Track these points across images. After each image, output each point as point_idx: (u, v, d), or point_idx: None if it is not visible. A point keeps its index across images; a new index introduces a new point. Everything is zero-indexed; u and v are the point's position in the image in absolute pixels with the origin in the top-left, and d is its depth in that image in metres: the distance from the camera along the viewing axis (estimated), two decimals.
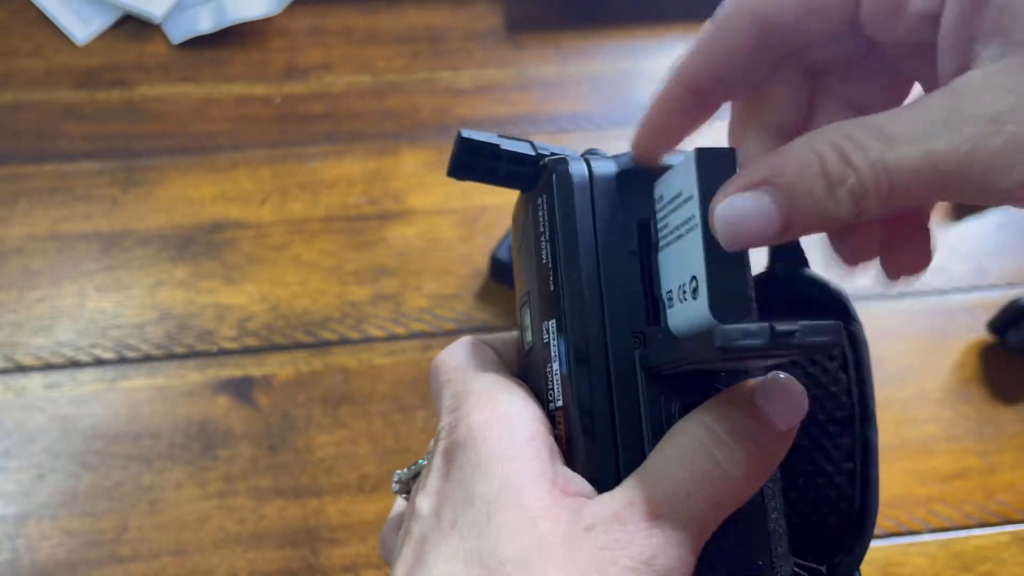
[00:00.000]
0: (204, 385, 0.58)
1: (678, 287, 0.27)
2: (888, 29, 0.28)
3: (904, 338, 0.62)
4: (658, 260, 0.28)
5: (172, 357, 0.59)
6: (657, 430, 0.27)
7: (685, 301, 0.26)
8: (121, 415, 0.56)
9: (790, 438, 0.27)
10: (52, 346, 0.58)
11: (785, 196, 0.24)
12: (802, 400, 0.27)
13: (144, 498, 0.54)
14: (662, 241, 0.28)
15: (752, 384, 0.27)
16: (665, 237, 0.28)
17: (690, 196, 0.26)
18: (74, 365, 0.58)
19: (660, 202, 0.28)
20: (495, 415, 0.27)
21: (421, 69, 0.73)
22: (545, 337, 0.29)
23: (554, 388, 0.29)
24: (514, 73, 0.73)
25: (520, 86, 0.72)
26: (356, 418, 0.57)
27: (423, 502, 0.27)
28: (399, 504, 0.36)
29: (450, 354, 0.31)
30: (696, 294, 0.26)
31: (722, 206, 0.25)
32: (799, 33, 0.29)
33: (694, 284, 0.26)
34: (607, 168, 0.29)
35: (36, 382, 0.57)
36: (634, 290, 0.28)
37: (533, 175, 0.30)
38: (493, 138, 0.30)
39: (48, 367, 0.58)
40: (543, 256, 0.29)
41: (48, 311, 0.60)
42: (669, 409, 0.27)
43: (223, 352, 0.59)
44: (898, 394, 0.60)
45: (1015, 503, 0.56)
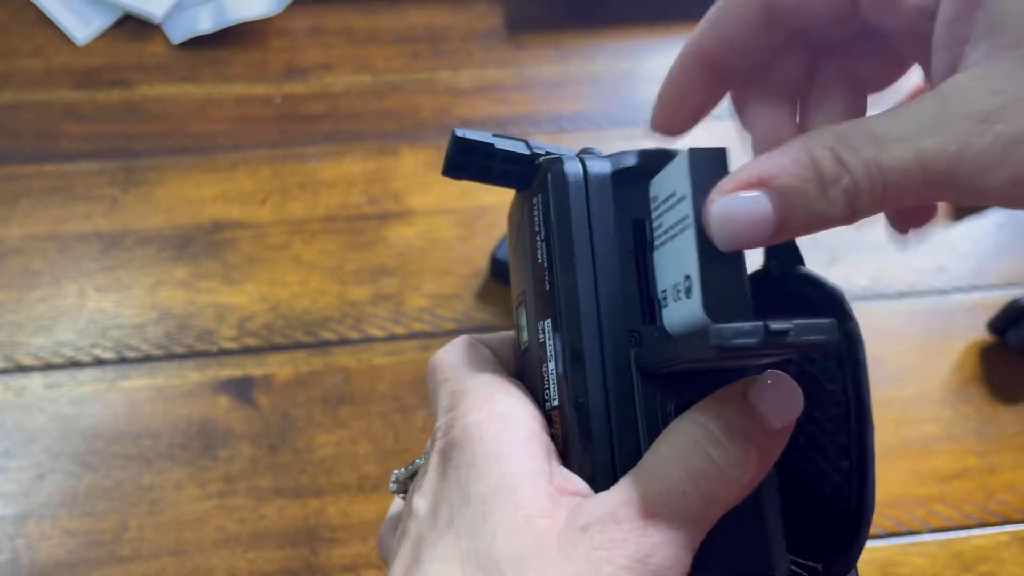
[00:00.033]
0: (204, 385, 0.58)
1: (672, 286, 0.27)
2: (886, 19, 0.29)
3: (904, 338, 0.62)
4: (653, 259, 0.28)
5: (172, 357, 0.59)
6: (653, 429, 0.27)
7: (679, 300, 0.27)
8: (121, 415, 0.56)
9: (786, 436, 0.27)
10: (52, 346, 0.59)
11: (780, 197, 0.24)
12: (797, 398, 0.27)
13: (144, 498, 0.54)
14: (657, 240, 0.28)
15: (747, 382, 0.27)
16: (660, 236, 0.28)
17: (683, 196, 0.26)
18: (74, 365, 0.58)
19: (655, 201, 0.28)
20: (491, 414, 0.27)
21: (421, 69, 0.73)
22: (541, 337, 0.29)
23: (550, 387, 0.29)
24: (514, 73, 0.73)
25: (520, 86, 0.72)
26: (356, 418, 0.57)
27: (419, 502, 0.27)
28: (397, 504, 0.36)
29: (446, 354, 0.31)
30: (690, 293, 0.26)
31: (717, 206, 0.25)
32: (803, 13, 0.30)
33: (688, 283, 0.26)
34: (602, 167, 0.29)
35: (36, 382, 0.57)
36: (629, 289, 0.28)
37: (528, 174, 0.30)
38: (488, 137, 0.30)
39: (48, 367, 0.58)
40: (538, 256, 0.29)
41: (48, 311, 0.60)
42: (665, 408, 0.27)
43: (223, 352, 0.59)
44: (898, 394, 0.60)
45: (1015, 503, 0.56)
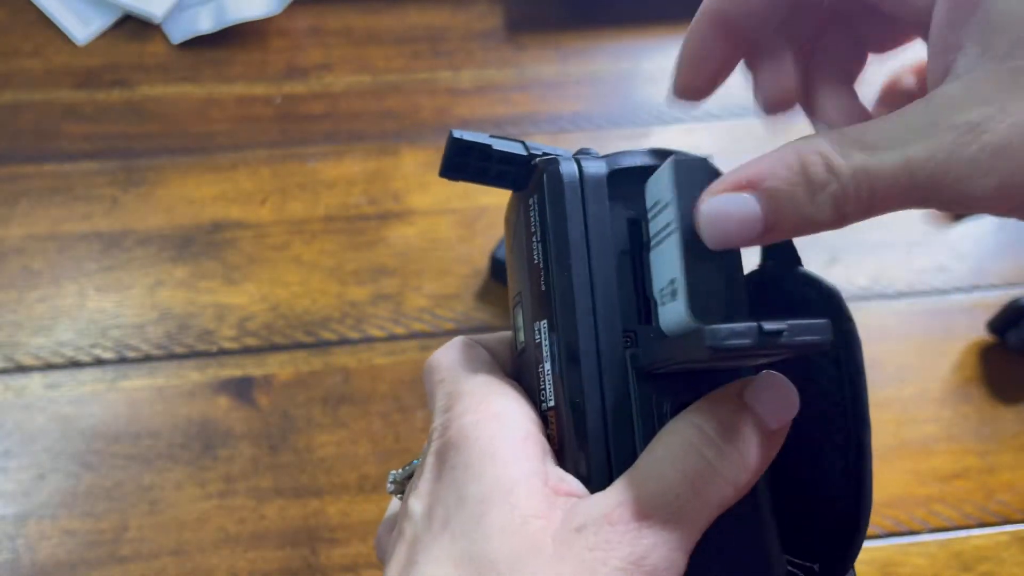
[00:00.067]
0: (204, 385, 0.58)
1: (659, 290, 0.27)
2: (896, 8, 0.29)
3: (904, 338, 0.62)
4: (649, 259, 0.28)
5: (172, 357, 0.59)
6: (649, 430, 0.27)
7: (667, 304, 0.27)
8: (121, 415, 0.56)
9: (781, 437, 0.27)
10: (52, 346, 0.59)
11: (768, 199, 0.25)
12: (793, 399, 0.27)
13: (144, 498, 0.54)
14: (652, 241, 0.28)
15: (743, 383, 0.27)
16: (654, 237, 0.28)
17: (668, 203, 0.27)
18: (74, 365, 0.58)
19: (648, 204, 0.28)
20: (487, 415, 0.27)
21: (421, 69, 0.73)
22: (537, 337, 0.29)
23: (546, 388, 0.29)
24: (514, 73, 0.73)
25: (520, 86, 0.72)
26: (356, 418, 0.57)
27: (415, 503, 0.28)
28: (394, 504, 0.36)
29: (443, 354, 0.31)
30: (675, 296, 0.26)
31: (707, 205, 0.25)
32: None
33: (673, 287, 0.26)
34: (598, 168, 0.29)
35: (36, 382, 0.57)
36: (626, 290, 0.28)
37: (525, 175, 0.30)
38: (484, 138, 0.30)
39: (48, 367, 0.58)
40: (534, 256, 0.29)
41: (48, 311, 0.60)
42: (661, 408, 0.27)
43: (223, 352, 0.59)
44: (898, 394, 0.60)
45: (1015, 503, 0.56)
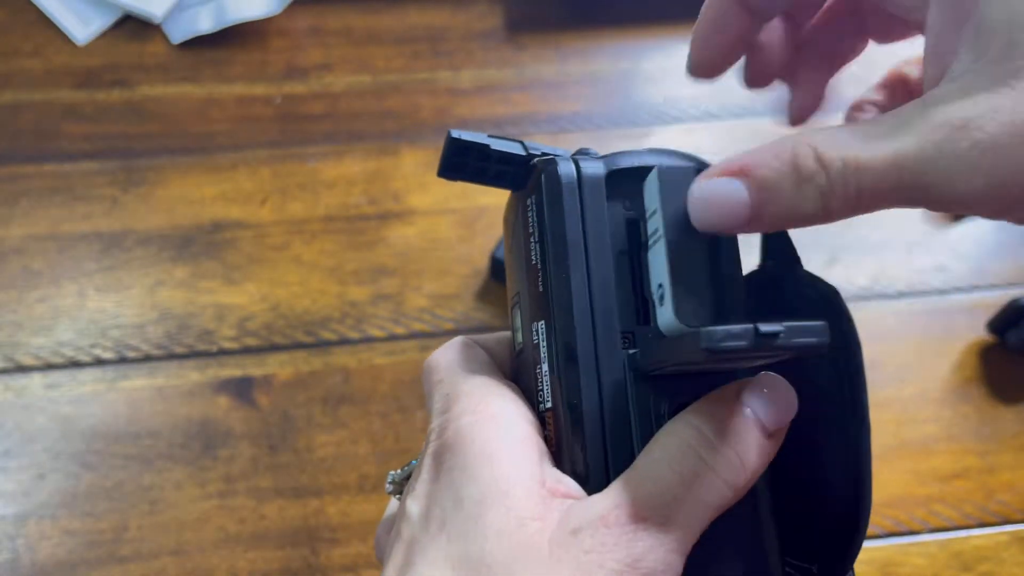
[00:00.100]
0: (204, 385, 0.58)
1: (652, 292, 0.28)
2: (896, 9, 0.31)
3: (904, 338, 0.62)
4: (647, 260, 0.28)
5: (172, 357, 0.59)
6: (646, 431, 0.27)
7: (660, 306, 0.27)
8: (121, 415, 0.56)
9: (780, 438, 0.27)
10: (52, 346, 0.59)
11: (757, 187, 0.25)
12: (791, 400, 0.27)
13: (144, 498, 0.54)
14: (650, 241, 0.28)
15: (741, 384, 0.27)
16: (650, 238, 0.28)
17: (655, 211, 0.27)
18: (74, 365, 0.58)
19: (644, 207, 0.28)
20: (484, 417, 0.27)
21: (421, 69, 0.73)
22: (535, 338, 0.29)
23: (544, 389, 0.29)
24: (514, 73, 0.73)
25: (520, 86, 0.72)
26: (356, 418, 0.57)
27: (412, 505, 0.28)
28: (393, 504, 0.37)
29: (441, 355, 0.31)
30: (663, 301, 0.27)
31: (697, 188, 0.26)
32: None
33: (661, 291, 0.27)
34: (596, 168, 0.29)
35: (36, 382, 0.57)
36: (624, 290, 0.28)
37: (524, 175, 0.30)
38: (483, 138, 0.30)
39: (48, 367, 0.58)
40: (532, 257, 0.29)
41: (48, 311, 0.60)
42: (659, 410, 0.27)
43: (223, 352, 0.59)
44: (898, 394, 0.60)
45: (1015, 503, 0.56)
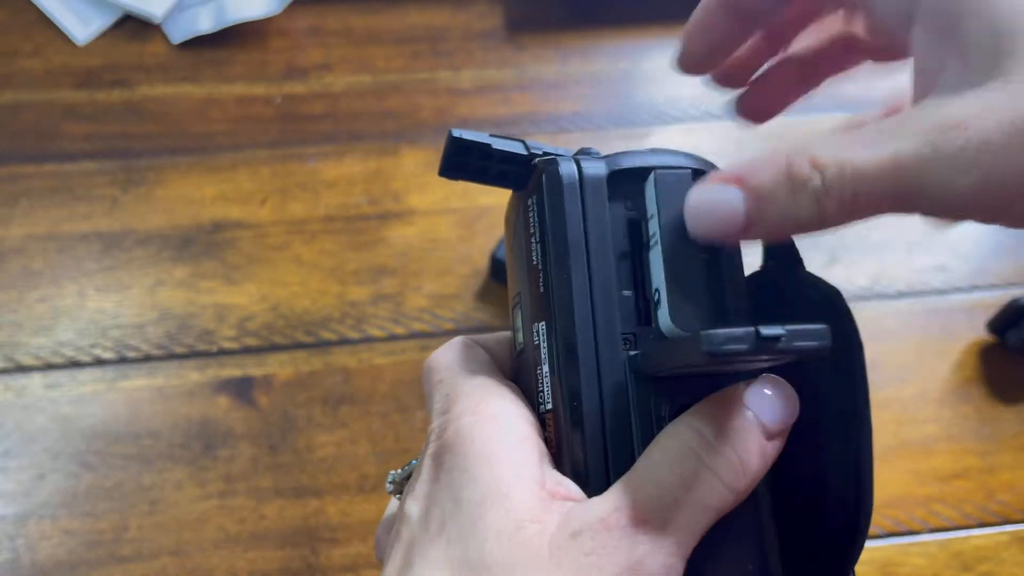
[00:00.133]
0: (204, 385, 0.58)
1: (652, 295, 0.28)
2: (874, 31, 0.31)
3: (904, 338, 0.62)
4: (649, 260, 0.28)
5: (172, 357, 0.59)
6: (647, 433, 0.27)
7: (657, 310, 0.28)
8: (121, 415, 0.56)
9: (782, 441, 0.27)
10: (52, 346, 0.59)
11: (752, 195, 0.25)
12: (793, 402, 0.27)
13: (144, 498, 0.54)
14: (650, 243, 0.28)
15: (742, 387, 0.27)
16: (651, 239, 0.28)
17: (652, 215, 0.27)
18: (74, 365, 0.58)
19: (645, 209, 0.28)
20: (484, 418, 0.27)
21: (421, 69, 0.73)
22: (535, 339, 0.29)
23: (544, 390, 0.28)
24: (514, 73, 0.73)
25: (520, 86, 0.72)
26: (356, 418, 0.57)
27: (412, 506, 0.27)
28: (393, 504, 0.36)
29: (442, 355, 0.31)
30: (659, 305, 0.27)
31: (693, 196, 0.26)
32: None
33: (657, 296, 0.27)
34: (597, 169, 0.29)
35: (36, 382, 0.57)
36: (625, 292, 0.28)
37: (525, 174, 0.30)
38: (484, 137, 0.30)
39: (48, 367, 0.58)
40: (533, 258, 0.29)
41: (48, 311, 0.60)
42: (659, 411, 0.27)
43: (223, 352, 0.59)
44: (898, 394, 0.60)
45: (1015, 503, 0.56)
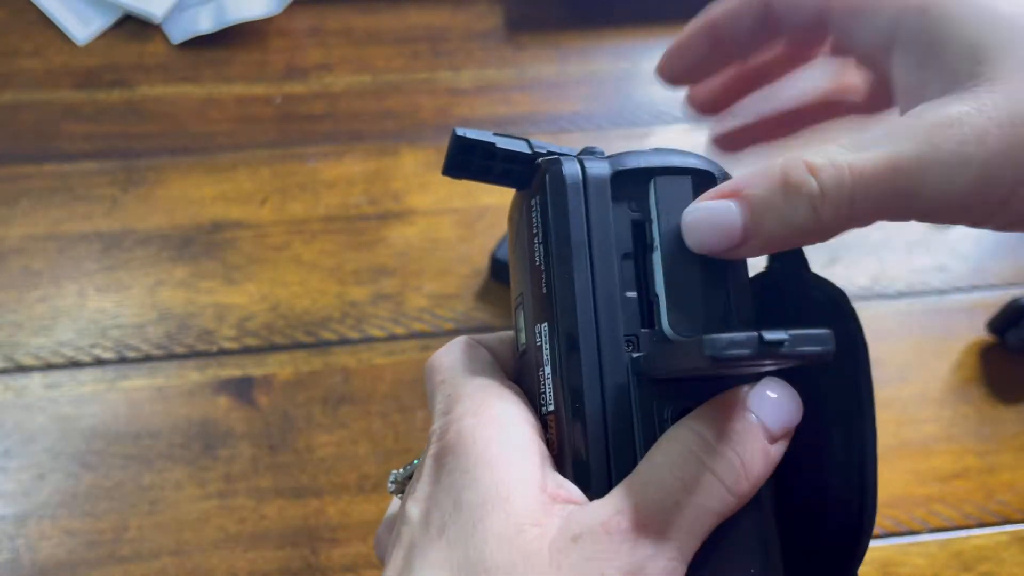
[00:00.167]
0: (204, 385, 0.58)
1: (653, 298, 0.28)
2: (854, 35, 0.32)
3: (904, 338, 0.62)
4: (653, 261, 0.28)
5: (172, 357, 0.59)
6: (649, 435, 0.27)
7: (661, 312, 0.28)
8: (121, 415, 0.56)
9: (785, 443, 0.27)
10: (52, 346, 0.59)
11: (748, 206, 0.25)
12: (796, 405, 0.27)
13: (144, 498, 0.54)
14: (653, 245, 0.28)
15: (745, 389, 0.26)
16: (652, 243, 0.28)
17: (652, 220, 0.28)
18: (74, 365, 0.58)
19: (649, 211, 0.28)
20: (485, 419, 0.27)
21: (421, 69, 0.73)
22: (538, 340, 0.29)
23: (546, 392, 0.28)
24: (514, 73, 0.73)
25: (520, 86, 0.72)
26: (356, 418, 0.57)
27: (412, 507, 0.27)
28: (395, 504, 0.36)
29: (444, 355, 0.31)
30: (659, 310, 0.27)
31: (690, 212, 0.26)
32: (788, 15, 0.34)
33: (658, 301, 0.27)
34: (601, 169, 0.28)
35: (36, 382, 0.57)
36: (628, 293, 0.28)
37: (528, 174, 0.30)
38: (489, 136, 0.29)
39: (48, 367, 0.58)
40: (536, 258, 0.29)
41: (48, 311, 0.60)
42: (662, 414, 0.27)
43: (223, 352, 0.59)
44: (898, 394, 0.60)
45: (1015, 503, 0.56)
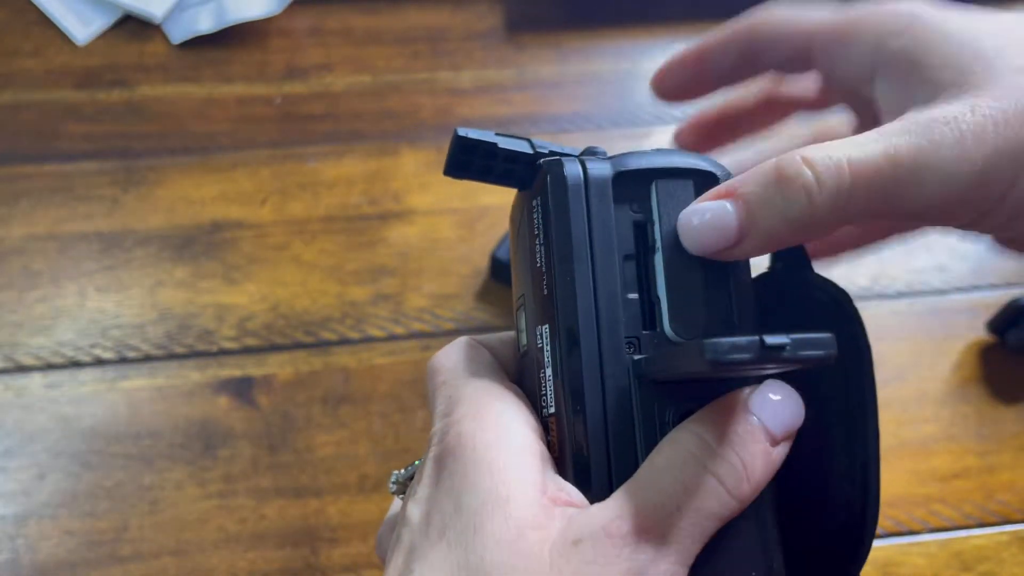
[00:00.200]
0: (204, 385, 0.58)
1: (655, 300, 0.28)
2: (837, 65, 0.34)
3: (904, 338, 0.62)
4: (655, 263, 0.28)
5: (172, 357, 0.59)
6: (650, 438, 0.27)
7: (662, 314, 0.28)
8: (121, 415, 0.56)
9: (786, 447, 0.27)
10: (52, 346, 0.59)
11: (743, 204, 0.25)
12: (798, 408, 0.26)
13: (144, 498, 0.54)
14: (654, 247, 0.28)
15: (746, 391, 0.26)
16: (655, 244, 0.28)
17: (654, 221, 0.28)
18: (74, 365, 0.58)
19: (651, 212, 0.28)
20: (486, 422, 0.27)
21: (421, 69, 0.73)
22: (539, 342, 0.29)
23: (547, 394, 0.28)
24: (514, 73, 0.73)
25: (520, 86, 0.72)
26: (356, 418, 0.57)
27: (413, 509, 0.27)
28: (397, 504, 0.36)
29: (445, 356, 0.31)
30: (660, 312, 0.27)
31: (686, 213, 0.27)
32: (771, 53, 0.36)
33: (659, 303, 0.27)
34: (603, 170, 0.28)
35: (36, 382, 0.57)
36: (629, 295, 0.28)
37: (530, 174, 0.30)
38: (490, 136, 0.29)
39: (48, 367, 0.58)
40: (537, 260, 0.29)
41: (48, 311, 0.60)
42: (663, 417, 0.27)
43: (223, 352, 0.59)
44: (898, 394, 0.60)
45: (1015, 503, 0.56)
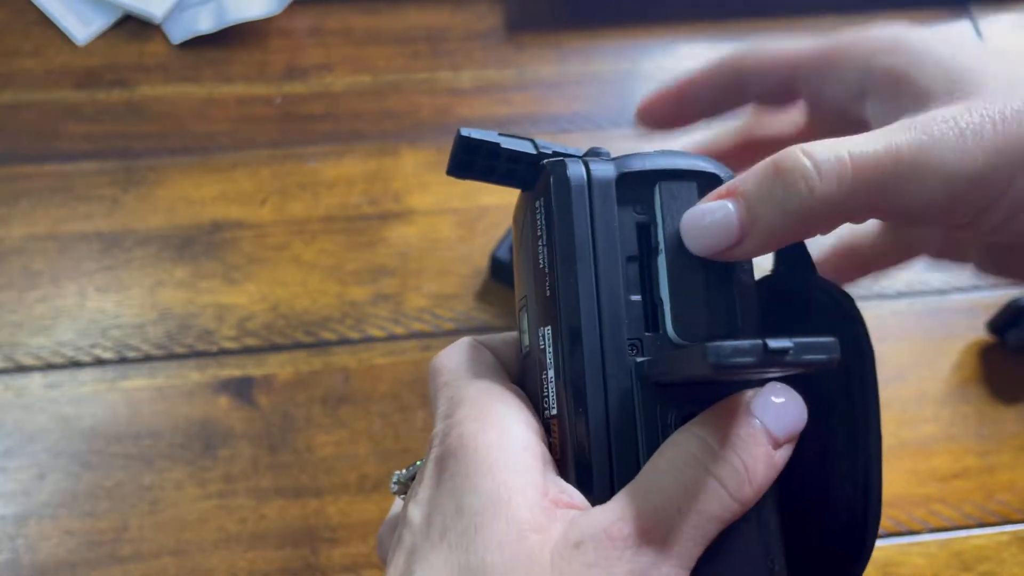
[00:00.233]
0: (204, 385, 0.58)
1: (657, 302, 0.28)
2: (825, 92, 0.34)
3: (904, 338, 0.62)
4: (658, 265, 0.28)
5: (172, 357, 0.59)
6: (652, 441, 0.27)
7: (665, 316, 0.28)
8: (121, 415, 0.56)
9: (789, 449, 0.27)
10: (52, 346, 0.59)
11: (743, 201, 0.26)
12: (801, 411, 0.26)
13: (144, 498, 0.54)
14: (659, 247, 0.28)
15: (749, 394, 0.26)
16: (658, 246, 0.28)
17: (657, 222, 0.28)
18: (74, 365, 0.58)
19: (654, 214, 0.28)
20: (487, 424, 0.27)
21: (421, 69, 0.73)
22: (541, 343, 0.29)
23: (549, 396, 0.28)
24: (514, 73, 0.73)
25: (520, 86, 0.72)
26: (356, 418, 0.57)
27: (414, 510, 0.27)
28: (398, 504, 0.36)
29: (447, 356, 0.31)
30: (663, 315, 0.27)
31: (687, 213, 0.27)
32: (756, 86, 0.37)
33: (662, 305, 0.28)
34: (606, 171, 0.28)
35: (36, 382, 0.57)
36: (632, 296, 0.28)
37: (533, 174, 0.30)
38: (493, 136, 0.29)
39: (48, 367, 0.58)
40: (540, 261, 0.29)
41: (48, 311, 0.60)
42: (666, 419, 0.27)
43: (223, 352, 0.59)
44: (898, 394, 0.60)
45: (1015, 503, 0.56)
